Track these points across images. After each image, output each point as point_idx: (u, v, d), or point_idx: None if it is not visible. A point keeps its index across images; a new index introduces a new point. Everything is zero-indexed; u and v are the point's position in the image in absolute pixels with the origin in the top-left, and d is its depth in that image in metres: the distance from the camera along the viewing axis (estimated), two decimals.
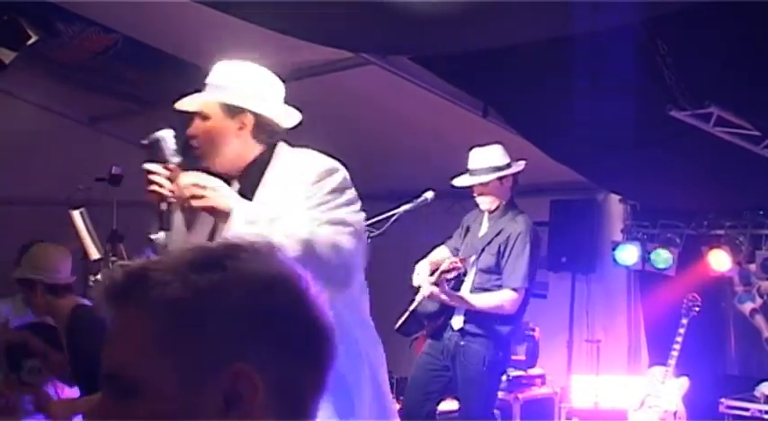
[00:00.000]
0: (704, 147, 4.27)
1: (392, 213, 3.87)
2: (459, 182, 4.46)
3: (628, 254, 5.71)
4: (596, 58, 3.54)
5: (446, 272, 4.24)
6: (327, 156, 2.43)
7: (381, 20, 3.25)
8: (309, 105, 2.69)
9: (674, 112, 3.87)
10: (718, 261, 5.24)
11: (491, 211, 4.49)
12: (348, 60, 4.74)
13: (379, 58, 4.70)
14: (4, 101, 7.09)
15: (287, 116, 2.51)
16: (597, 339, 5.91)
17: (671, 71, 3.50)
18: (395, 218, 3.84)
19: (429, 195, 4.14)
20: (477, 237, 4.52)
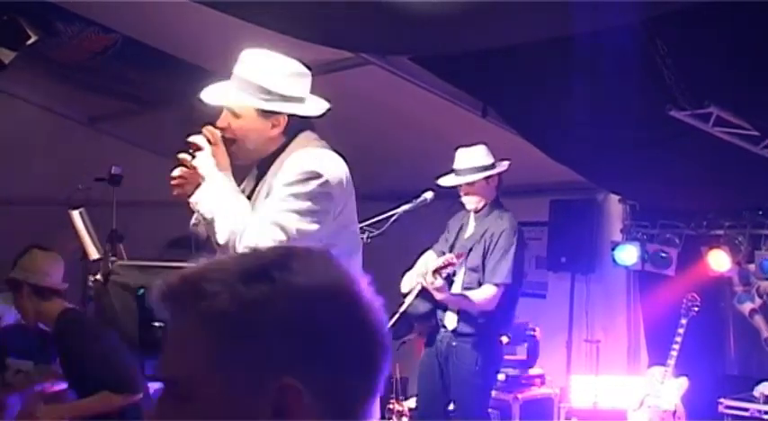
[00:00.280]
0: (704, 148, 4.27)
1: (392, 213, 3.86)
2: (446, 181, 4.47)
3: (627, 254, 5.71)
4: (596, 59, 3.54)
5: (443, 268, 4.24)
6: (325, 157, 2.42)
7: (381, 20, 3.25)
8: None
9: (673, 112, 3.87)
10: (718, 261, 5.24)
11: (477, 211, 4.50)
12: (348, 60, 4.74)
13: (379, 58, 4.70)
14: (3, 101, 7.08)
15: (315, 108, 2.52)
16: (597, 339, 5.91)
17: (671, 71, 3.51)
18: (394, 218, 3.84)
19: (429, 195, 4.14)
20: (465, 237, 4.52)
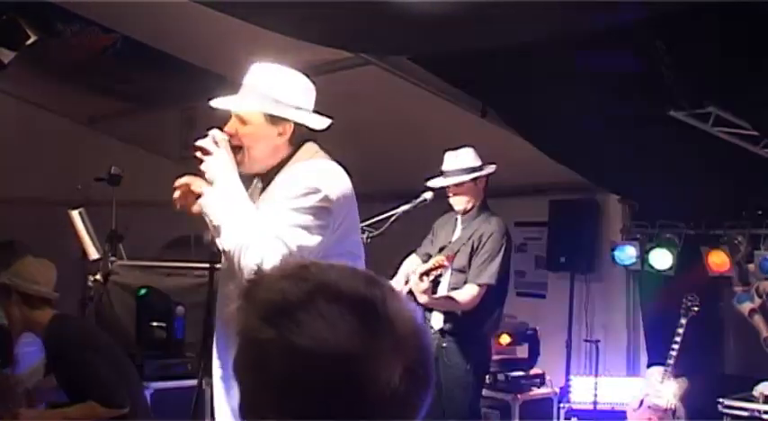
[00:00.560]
0: (703, 148, 4.28)
1: (391, 213, 3.86)
2: (434, 183, 4.46)
3: (627, 254, 5.71)
4: (596, 59, 3.54)
5: (433, 270, 4.23)
6: (327, 171, 2.43)
7: (381, 20, 3.25)
8: None
9: (673, 112, 3.88)
10: (717, 261, 5.24)
11: (465, 213, 4.49)
12: (348, 60, 4.75)
13: (379, 58, 4.70)
14: (3, 101, 7.09)
15: (319, 122, 2.53)
16: (596, 339, 5.91)
17: (670, 71, 3.51)
18: (394, 218, 3.84)
19: (428, 195, 4.14)
20: (452, 239, 4.52)
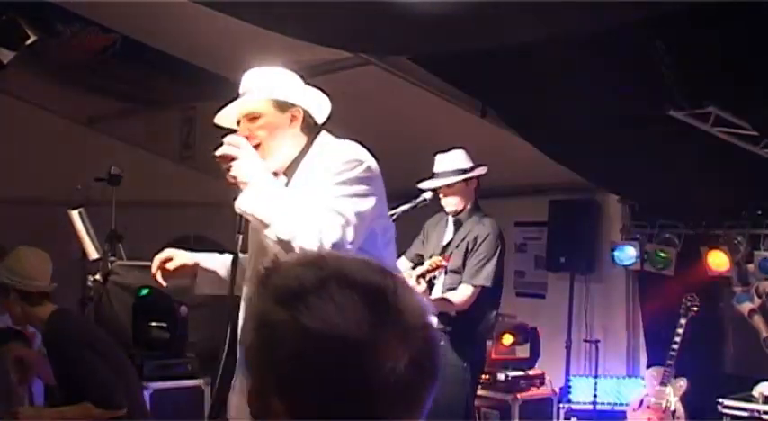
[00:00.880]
0: (703, 148, 4.28)
1: (391, 213, 3.86)
2: (425, 185, 4.45)
3: (626, 254, 5.71)
4: (596, 59, 3.54)
5: (430, 271, 4.23)
6: (359, 147, 2.43)
7: (381, 20, 3.25)
8: None
9: (673, 112, 3.88)
10: (717, 261, 5.24)
11: (456, 214, 4.48)
12: (348, 60, 4.74)
13: (379, 58, 4.70)
14: (3, 101, 7.09)
15: (324, 106, 2.56)
16: (596, 339, 5.91)
17: (670, 71, 3.51)
18: (394, 218, 3.84)
19: (428, 195, 4.14)
20: (444, 240, 4.51)
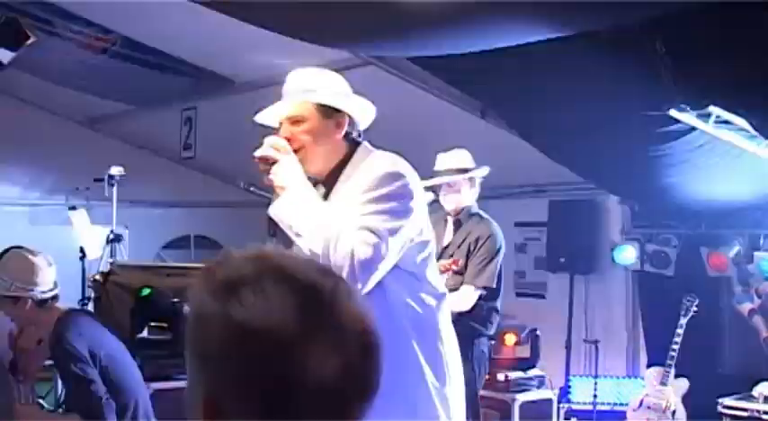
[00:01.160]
0: (702, 148, 4.28)
1: None
2: (426, 183, 4.45)
3: (626, 254, 5.72)
4: (596, 59, 3.54)
5: (442, 273, 4.22)
6: (399, 161, 2.38)
7: (381, 20, 3.25)
8: None
9: (673, 112, 3.88)
10: (717, 261, 5.24)
11: (456, 214, 4.47)
12: (348, 60, 4.74)
13: (378, 58, 4.70)
14: (4, 101, 7.09)
15: (368, 111, 2.51)
16: (596, 339, 5.91)
17: (670, 71, 3.51)
18: None
19: (429, 196, 4.13)
20: (444, 241, 4.50)
